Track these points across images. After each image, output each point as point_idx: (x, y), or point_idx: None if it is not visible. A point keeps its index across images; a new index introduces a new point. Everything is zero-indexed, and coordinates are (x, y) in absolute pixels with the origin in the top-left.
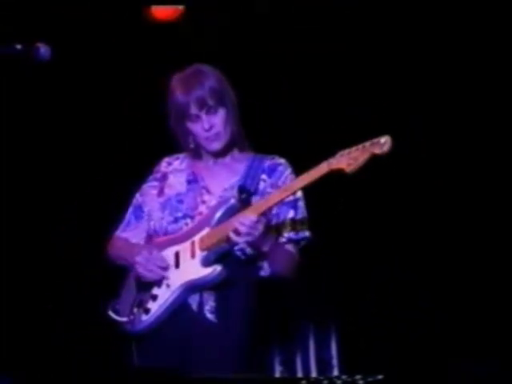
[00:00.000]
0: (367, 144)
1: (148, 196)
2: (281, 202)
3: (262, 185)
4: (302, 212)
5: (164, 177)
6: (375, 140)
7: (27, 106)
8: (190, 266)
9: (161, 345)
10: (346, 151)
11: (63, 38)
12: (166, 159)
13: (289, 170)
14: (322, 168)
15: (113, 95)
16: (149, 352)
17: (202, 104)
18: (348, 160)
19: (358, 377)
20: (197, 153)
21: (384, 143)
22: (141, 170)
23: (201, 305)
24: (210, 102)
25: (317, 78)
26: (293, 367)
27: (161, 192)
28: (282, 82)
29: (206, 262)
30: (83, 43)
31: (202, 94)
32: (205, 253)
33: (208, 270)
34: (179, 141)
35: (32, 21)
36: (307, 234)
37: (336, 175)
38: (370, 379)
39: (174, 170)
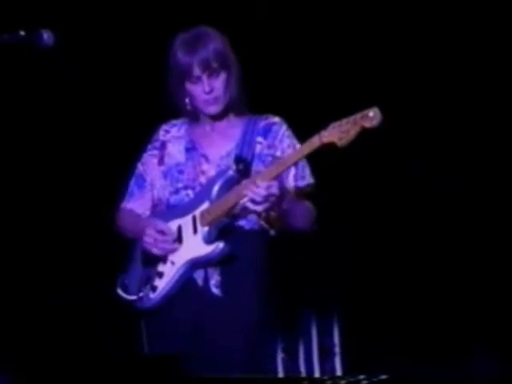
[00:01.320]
0: (358, 116)
1: (149, 165)
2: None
3: (258, 148)
4: (301, 171)
5: (163, 145)
6: (365, 112)
7: (30, 91)
8: (192, 243)
9: (169, 321)
10: (337, 123)
11: (66, 24)
12: (164, 127)
13: (284, 127)
14: (315, 142)
15: (115, 79)
16: (158, 328)
17: (205, 66)
18: (339, 134)
19: (361, 377)
20: (194, 115)
21: (373, 117)
22: (140, 138)
23: (206, 280)
24: (214, 65)
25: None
26: (295, 355)
27: (161, 160)
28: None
29: (209, 239)
30: (86, 29)
31: (206, 56)
32: (206, 228)
33: (211, 248)
34: (176, 102)
35: (35, 7)
36: (311, 180)
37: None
38: (373, 379)
39: (172, 137)
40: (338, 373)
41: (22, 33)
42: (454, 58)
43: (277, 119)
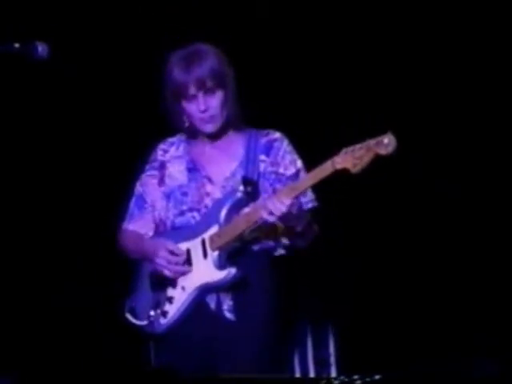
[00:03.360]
0: (372, 142)
1: (148, 186)
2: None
3: (262, 166)
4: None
5: (162, 165)
6: (379, 139)
7: (24, 103)
8: (203, 268)
9: (182, 344)
10: (350, 149)
11: (61, 36)
12: (161, 146)
13: (285, 143)
14: (327, 167)
15: (111, 92)
16: (169, 351)
17: (200, 85)
18: (353, 160)
19: (355, 377)
20: (191, 132)
21: (388, 144)
22: (141, 146)
23: (219, 304)
24: (209, 84)
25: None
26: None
27: (161, 181)
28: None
29: (220, 264)
30: (81, 41)
31: (202, 75)
32: (216, 253)
33: (223, 274)
34: (173, 120)
35: (30, 19)
36: (315, 203)
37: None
38: (367, 379)
39: (172, 157)
40: None
41: (17, 45)
42: (452, 57)
43: (277, 135)
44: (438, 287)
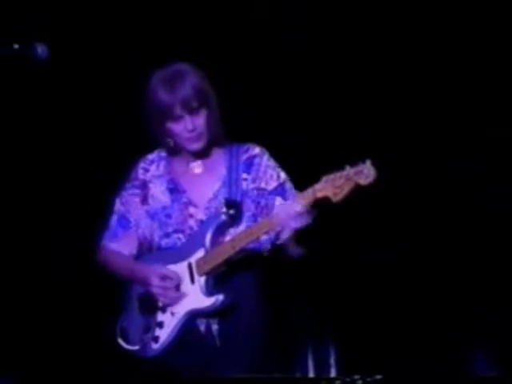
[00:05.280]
0: (351, 172)
1: (131, 205)
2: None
3: (244, 185)
4: (289, 194)
5: (144, 185)
6: (359, 168)
7: (23, 105)
8: (191, 294)
9: (173, 366)
10: (331, 177)
11: (61, 38)
12: (142, 164)
13: (265, 158)
14: (309, 195)
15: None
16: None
17: (186, 105)
18: (333, 189)
19: (356, 377)
20: (174, 151)
21: (368, 174)
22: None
23: (208, 328)
24: (194, 103)
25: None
26: None
27: (144, 200)
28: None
29: (207, 291)
30: (80, 42)
31: (187, 95)
32: (203, 278)
33: (211, 301)
34: (156, 139)
35: (29, 20)
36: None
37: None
38: (368, 379)
39: (152, 177)
40: None
41: (16, 46)
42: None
43: (257, 150)
44: (438, 287)
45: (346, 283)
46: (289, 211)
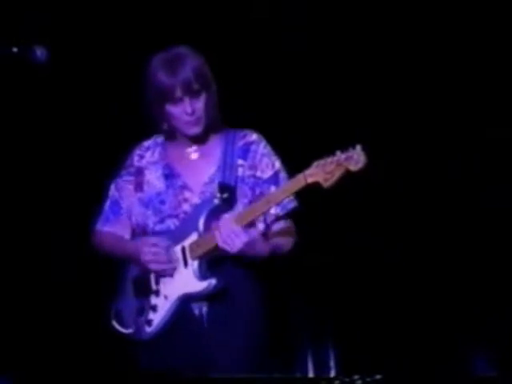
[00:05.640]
0: (342, 157)
1: (125, 191)
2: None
3: (240, 171)
4: (284, 184)
5: (139, 172)
6: (349, 154)
7: (22, 107)
8: (184, 277)
9: (167, 350)
10: (321, 162)
11: (60, 41)
12: (137, 151)
13: (261, 145)
14: (300, 181)
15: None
16: (156, 355)
17: (187, 87)
18: (324, 174)
19: (356, 377)
20: (171, 135)
21: (358, 160)
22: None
23: (201, 310)
24: (195, 86)
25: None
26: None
27: (138, 187)
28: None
29: (200, 275)
30: (79, 45)
31: (188, 77)
32: (197, 262)
33: (203, 285)
34: (153, 122)
35: (28, 23)
36: (294, 203)
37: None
38: (368, 379)
39: (148, 163)
40: None
41: (15, 49)
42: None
43: (254, 137)
44: (438, 287)
45: (346, 282)
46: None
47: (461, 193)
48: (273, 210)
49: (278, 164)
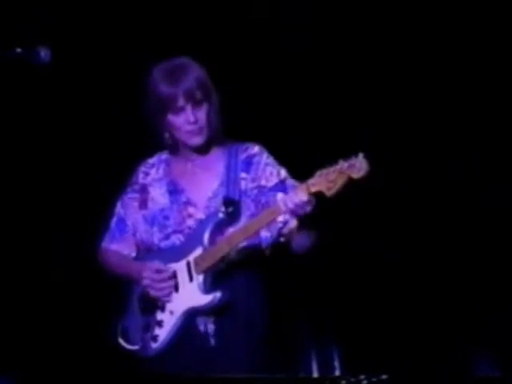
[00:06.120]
0: (344, 165)
1: (130, 208)
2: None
3: (243, 184)
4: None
5: (143, 189)
6: (351, 162)
7: (26, 108)
8: (189, 292)
9: (173, 365)
10: (324, 171)
11: (63, 41)
12: (142, 169)
13: (264, 157)
14: (302, 191)
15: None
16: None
17: (189, 96)
18: (327, 183)
19: (362, 377)
20: (173, 148)
21: (360, 168)
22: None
23: (206, 326)
24: (198, 95)
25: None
26: None
27: (143, 204)
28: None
29: (205, 288)
30: (83, 46)
31: (190, 86)
32: (202, 276)
33: (208, 298)
34: (155, 134)
35: (32, 24)
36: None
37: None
38: (373, 379)
39: (153, 180)
40: None
41: (19, 49)
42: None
43: (256, 149)
44: (439, 287)
45: (348, 283)
46: (288, 202)
47: (461, 193)
48: (280, 217)
49: (283, 172)
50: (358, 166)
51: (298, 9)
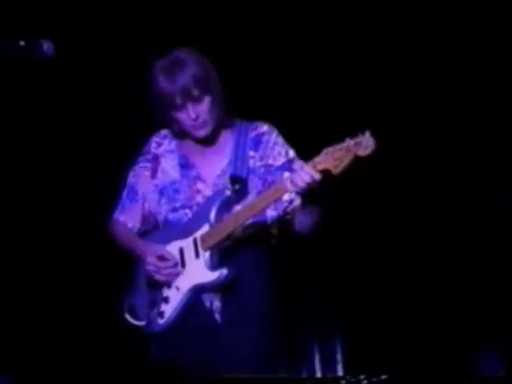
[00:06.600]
0: (351, 143)
1: (141, 177)
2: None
3: (251, 162)
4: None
5: (155, 159)
6: (358, 139)
7: (29, 102)
8: (196, 268)
9: (178, 342)
10: (331, 149)
11: (66, 35)
12: (155, 139)
13: (273, 136)
14: (309, 169)
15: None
16: (167, 348)
17: (186, 94)
18: (333, 161)
19: (362, 377)
20: (182, 136)
21: (367, 145)
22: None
23: (211, 302)
24: (195, 92)
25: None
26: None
27: (154, 174)
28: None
29: (212, 265)
30: (86, 39)
31: (187, 84)
32: (208, 253)
33: (215, 275)
34: (165, 126)
35: (35, 17)
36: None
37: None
38: (373, 379)
39: (165, 151)
40: None
41: (22, 43)
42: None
43: (266, 128)
44: (440, 287)
45: (351, 280)
46: (294, 179)
47: (461, 193)
48: (286, 196)
49: (291, 153)
50: (364, 144)
51: (298, 9)
